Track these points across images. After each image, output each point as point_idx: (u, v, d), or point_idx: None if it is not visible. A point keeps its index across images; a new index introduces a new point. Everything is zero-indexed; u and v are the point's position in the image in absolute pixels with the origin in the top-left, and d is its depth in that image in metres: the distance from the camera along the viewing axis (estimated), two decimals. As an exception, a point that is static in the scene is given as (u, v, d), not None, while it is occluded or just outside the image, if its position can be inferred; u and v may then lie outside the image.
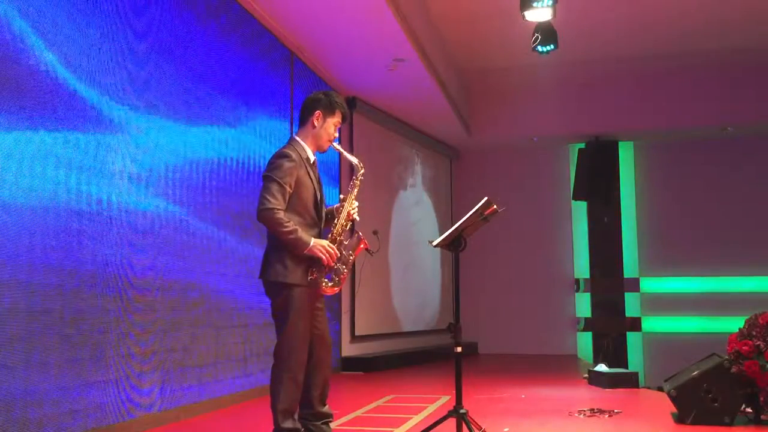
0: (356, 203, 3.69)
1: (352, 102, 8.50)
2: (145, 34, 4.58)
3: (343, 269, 3.55)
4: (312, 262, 3.45)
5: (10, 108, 3.39)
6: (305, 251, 3.40)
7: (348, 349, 8.33)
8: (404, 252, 9.98)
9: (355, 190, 3.69)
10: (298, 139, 3.61)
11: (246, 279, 5.84)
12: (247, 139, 6.00)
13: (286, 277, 3.42)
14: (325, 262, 3.45)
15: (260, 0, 6.03)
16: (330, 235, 3.58)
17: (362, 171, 3.72)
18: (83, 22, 3.96)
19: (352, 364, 8.20)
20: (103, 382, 4.00)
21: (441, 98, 8.78)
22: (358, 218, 3.68)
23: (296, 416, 3.49)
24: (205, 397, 5.13)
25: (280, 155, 3.48)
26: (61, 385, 3.66)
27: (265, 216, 3.38)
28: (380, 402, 5.75)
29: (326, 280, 3.50)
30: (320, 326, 3.62)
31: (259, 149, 6.19)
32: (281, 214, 3.38)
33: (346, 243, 3.60)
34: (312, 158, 3.61)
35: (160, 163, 4.70)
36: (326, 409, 3.65)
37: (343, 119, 3.68)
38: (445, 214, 11.34)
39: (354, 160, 3.74)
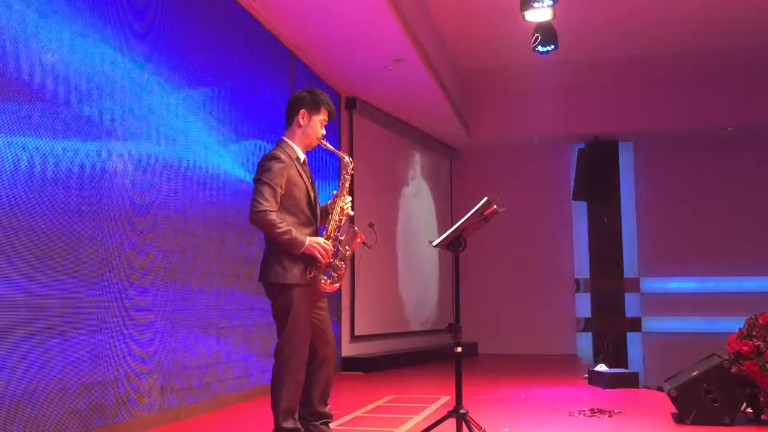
0: (349, 198, 3.68)
1: (352, 102, 8.50)
2: (145, 34, 4.58)
3: (341, 265, 3.56)
4: (309, 260, 3.45)
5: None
6: (301, 250, 3.41)
7: (348, 349, 8.33)
8: (404, 252, 9.98)
9: (346, 184, 3.69)
10: (286, 139, 3.61)
11: (245, 279, 5.84)
12: (247, 139, 5.99)
13: (285, 278, 3.42)
14: (321, 261, 3.45)
15: (260, 0, 6.03)
16: (325, 232, 3.58)
17: (352, 166, 3.73)
18: (79, 23, 3.96)
19: (352, 364, 8.20)
20: (103, 382, 4.00)
21: (441, 98, 8.78)
22: (352, 212, 3.68)
23: (296, 416, 3.49)
24: (205, 397, 5.14)
25: (269, 157, 3.49)
26: (62, 385, 3.66)
27: (257, 218, 3.39)
28: (380, 402, 5.75)
29: (325, 277, 3.51)
30: (323, 326, 3.63)
31: (258, 149, 6.19)
32: (274, 216, 3.38)
33: (342, 238, 3.60)
34: (302, 157, 3.61)
35: (159, 164, 4.70)
36: (327, 409, 3.65)
37: (330, 116, 3.66)
38: (445, 214, 11.33)
39: (346, 157, 3.75)
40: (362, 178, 8.12)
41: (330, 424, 3.68)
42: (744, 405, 4.58)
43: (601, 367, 6.97)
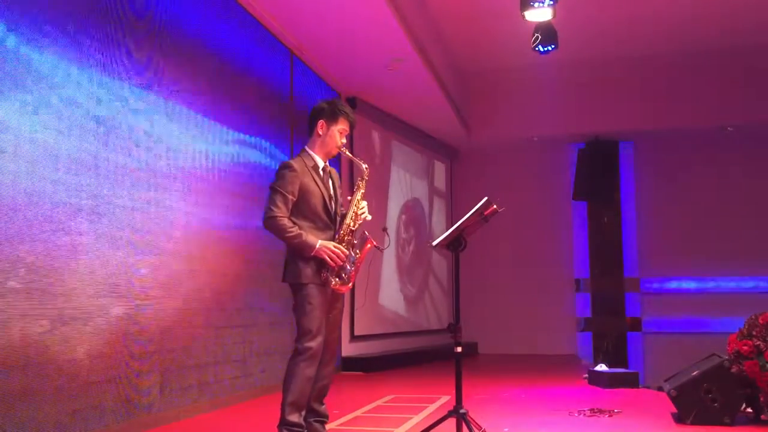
0: (364, 203, 3.79)
1: (352, 102, 8.49)
2: (145, 34, 4.58)
3: (351, 268, 3.68)
4: (322, 262, 3.60)
5: (10, 108, 3.39)
6: (312, 254, 3.57)
7: (348, 349, 8.33)
8: (404, 252, 9.98)
9: (361, 190, 3.80)
10: (306, 148, 3.79)
11: (246, 280, 5.84)
12: (248, 139, 5.99)
13: (299, 277, 3.60)
14: (330, 263, 3.58)
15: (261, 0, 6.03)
16: (337, 236, 3.69)
17: (367, 173, 3.85)
18: (81, 22, 3.96)
19: (352, 364, 8.20)
20: (103, 382, 3.99)
21: (441, 98, 8.78)
22: (369, 217, 3.80)
23: (303, 413, 3.55)
24: (205, 397, 5.13)
25: (282, 166, 3.68)
26: (61, 386, 3.65)
27: (269, 224, 3.59)
28: (380, 402, 5.75)
29: (336, 279, 3.64)
30: (332, 326, 3.74)
31: (258, 148, 6.19)
32: (284, 221, 3.57)
33: (355, 242, 3.72)
34: (321, 165, 3.76)
35: (161, 165, 4.70)
36: (322, 408, 3.76)
37: (350, 126, 3.81)
38: (445, 214, 11.33)
39: (363, 165, 3.86)
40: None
41: (326, 425, 3.75)
42: (744, 405, 4.58)
43: (601, 367, 6.97)
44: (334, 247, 3.59)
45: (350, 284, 3.69)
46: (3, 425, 3.24)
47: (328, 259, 3.56)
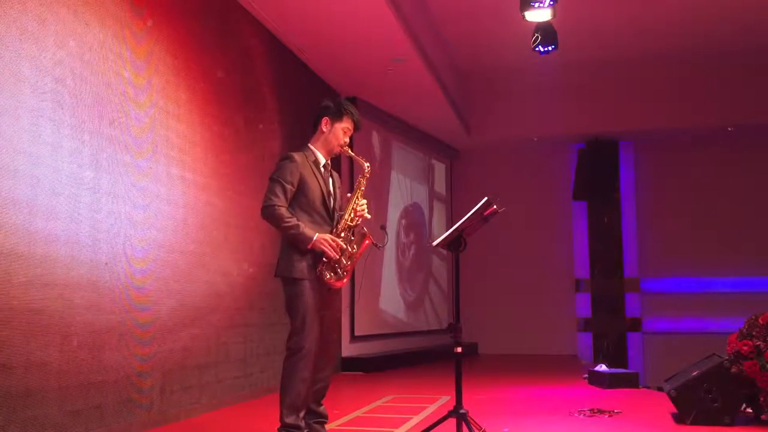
0: (364, 201, 3.79)
1: (352, 102, 8.48)
2: (144, 34, 4.58)
3: (348, 263, 3.66)
4: (318, 256, 3.57)
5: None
6: (309, 246, 3.54)
7: (348, 349, 8.33)
8: (404, 252, 9.98)
9: (362, 188, 3.80)
10: (309, 144, 3.81)
11: (246, 279, 5.84)
12: (248, 139, 5.99)
13: (292, 272, 3.57)
14: (329, 255, 3.55)
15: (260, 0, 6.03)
16: (333, 230, 3.68)
17: (368, 171, 3.85)
18: (83, 21, 3.96)
19: (352, 364, 8.20)
20: (103, 382, 4.00)
21: (441, 98, 8.77)
22: (369, 216, 3.79)
23: (302, 414, 3.54)
24: (205, 397, 5.14)
25: (283, 157, 3.70)
26: (61, 385, 3.65)
27: (267, 212, 3.57)
28: (380, 402, 5.75)
29: (331, 273, 3.61)
30: (328, 325, 3.72)
31: (257, 147, 6.19)
32: (282, 210, 3.55)
33: (353, 238, 3.71)
34: (322, 161, 3.77)
35: (161, 165, 4.70)
36: (321, 409, 3.74)
37: (355, 127, 3.82)
38: (445, 218, 11.33)
39: (365, 164, 3.85)
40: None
41: (326, 425, 3.74)
42: (744, 405, 4.58)
43: (601, 367, 6.97)
44: (331, 239, 3.58)
45: (345, 280, 3.66)
46: (4, 426, 3.24)
47: (327, 250, 3.53)
